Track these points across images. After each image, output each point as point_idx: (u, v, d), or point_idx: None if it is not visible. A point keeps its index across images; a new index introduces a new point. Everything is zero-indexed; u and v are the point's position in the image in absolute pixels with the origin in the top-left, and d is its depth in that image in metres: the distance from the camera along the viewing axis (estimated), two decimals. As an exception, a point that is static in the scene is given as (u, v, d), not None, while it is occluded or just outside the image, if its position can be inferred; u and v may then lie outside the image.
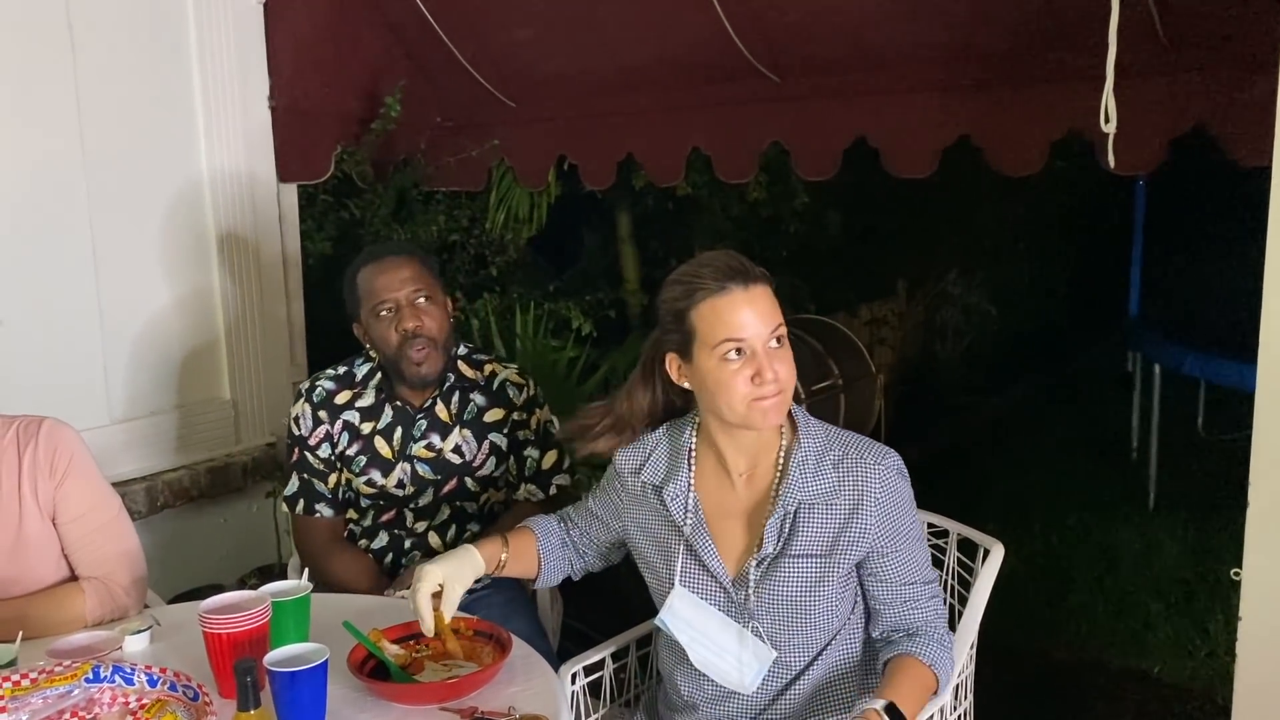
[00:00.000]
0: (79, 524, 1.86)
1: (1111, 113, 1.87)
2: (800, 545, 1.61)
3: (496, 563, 1.72)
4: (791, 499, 1.60)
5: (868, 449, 1.63)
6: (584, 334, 4.10)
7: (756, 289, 1.56)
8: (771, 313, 1.57)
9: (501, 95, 3.50)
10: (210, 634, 1.52)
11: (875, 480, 1.60)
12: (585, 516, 1.86)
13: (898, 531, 1.62)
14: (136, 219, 2.91)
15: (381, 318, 2.14)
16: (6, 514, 1.82)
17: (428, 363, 2.15)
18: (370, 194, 3.54)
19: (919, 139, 2.69)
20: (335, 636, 1.57)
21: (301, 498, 2.24)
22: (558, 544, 1.84)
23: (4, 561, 1.80)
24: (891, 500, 1.61)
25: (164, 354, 3.01)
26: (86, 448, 1.91)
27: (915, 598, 1.64)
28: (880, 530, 1.60)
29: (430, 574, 1.59)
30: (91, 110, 2.76)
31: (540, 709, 1.49)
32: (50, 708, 1.34)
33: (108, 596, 1.83)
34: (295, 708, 1.42)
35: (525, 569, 1.80)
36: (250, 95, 3.12)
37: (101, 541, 1.87)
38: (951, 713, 1.82)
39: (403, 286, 2.13)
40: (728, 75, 2.98)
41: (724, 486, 1.68)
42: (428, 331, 2.13)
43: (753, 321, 1.54)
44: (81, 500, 1.86)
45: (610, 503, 1.81)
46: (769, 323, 1.55)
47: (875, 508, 1.60)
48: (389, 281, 2.13)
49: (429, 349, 2.14)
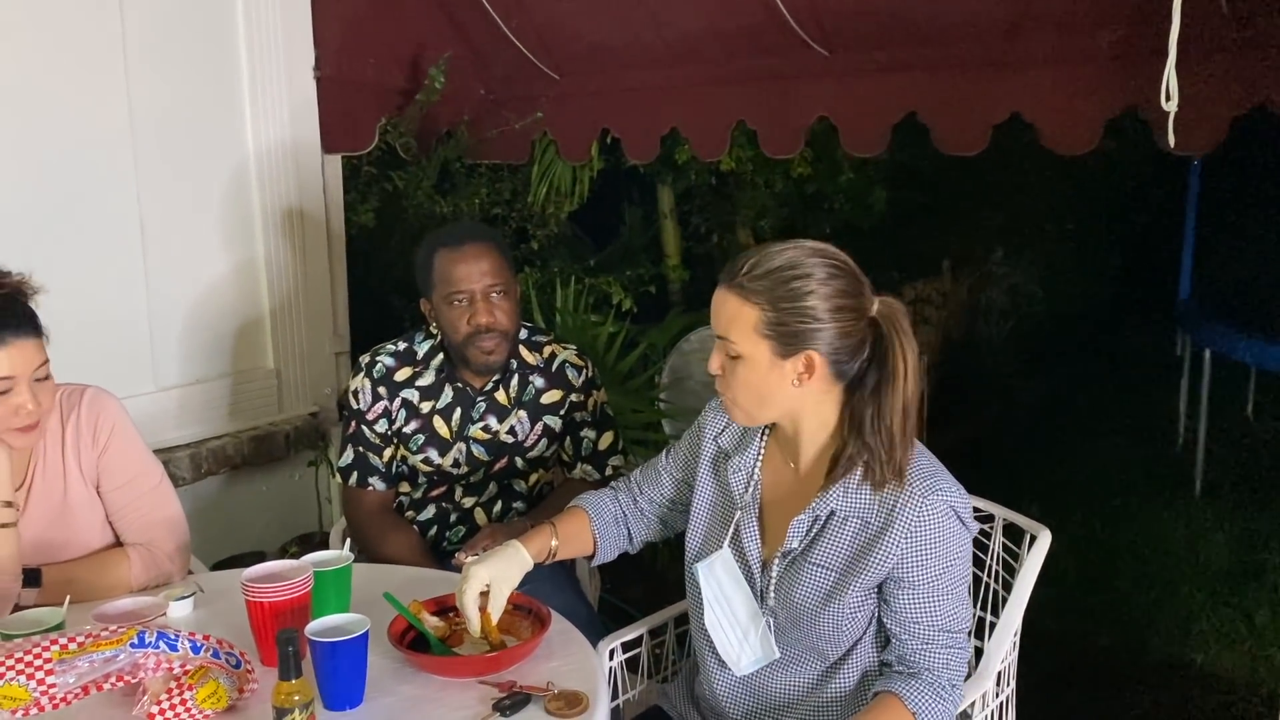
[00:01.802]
0: (122, 491, 1.89)
1: (1173, 90, 1.82)
2: (821, 554, 1.56)
3: (547, 552, 1.71)
4: (825, 505, 1.56)
5: (924, 479, 1.52)
6: (624, 309, 4.09)
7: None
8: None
9: (545, 67, 3.48)
10: (253, 602, 1.53)
11: (914, 510, 1.50)
12: (651, 478, 1.84)
13: (923, 568, 1.51)
14: (183, 189, 2.93)
15: (454, 306, 2.12)
16: (52, 481, 1.85)
17: (497, 353, 2.15)
18: (414, 166, 3.54)
19: (970, 115, 2.63)
20: (377, 607, 1.58)
21: (355, 470, 2.25)
22: (611, 520, 1.82)
23: (50, 528, 1.83)
24: (925, 536, 1.50)
25: (209, 323, 3.04)
26: (129, 416, 1.93)
27: (928, 640, 1.53)
28: (902, 560, 1.51)
29: (477, 575, 1.58)
30: (140, 82, 2.78)
31: (578, 684, 1.49)
32: (96, 671, 1.36)
33: (152, 562, 1.86)
34: (335, 678, 1.43)
35: (580, 549, 1.80)
36: (296, 66, 3.13)
37: (145, 508, 1.90)
38: (994, 699, 1.80)
39: (481, 279, 2.11)
40: (775, 48, 2.93)
41: (785, 472, 1.65)
42: (500, 326, 2.12)
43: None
44: (125, 468, 1.89)
45: (683, 456, 1.80)
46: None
47: (904, 538, 1.50)
48: (467, 272, 2.10)
49: (500, 341, 2.14)
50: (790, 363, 1.51)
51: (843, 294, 1.50)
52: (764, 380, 1.53)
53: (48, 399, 1.75)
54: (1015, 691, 1.90)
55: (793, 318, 1.48)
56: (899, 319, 1.53)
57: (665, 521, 1.86)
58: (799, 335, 1.49)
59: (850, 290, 1.51)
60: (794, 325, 1.48)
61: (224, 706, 1.41)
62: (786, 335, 1.49)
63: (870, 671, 1.61)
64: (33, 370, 1.70)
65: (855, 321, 1.51)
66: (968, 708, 1.71)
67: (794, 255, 1.50)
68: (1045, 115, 2.51)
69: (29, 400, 1.69)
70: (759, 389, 1.54)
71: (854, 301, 1.51)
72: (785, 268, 1.49)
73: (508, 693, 1.46)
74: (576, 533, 1.78)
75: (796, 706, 1.64)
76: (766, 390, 1.54)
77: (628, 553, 1.86)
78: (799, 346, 1.50)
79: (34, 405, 1.70)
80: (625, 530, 1.84)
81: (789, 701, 1.65)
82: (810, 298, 1.48)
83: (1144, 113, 2.22)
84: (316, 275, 3.27)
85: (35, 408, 1.70)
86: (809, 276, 1.48)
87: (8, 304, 1.69)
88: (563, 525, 1.76)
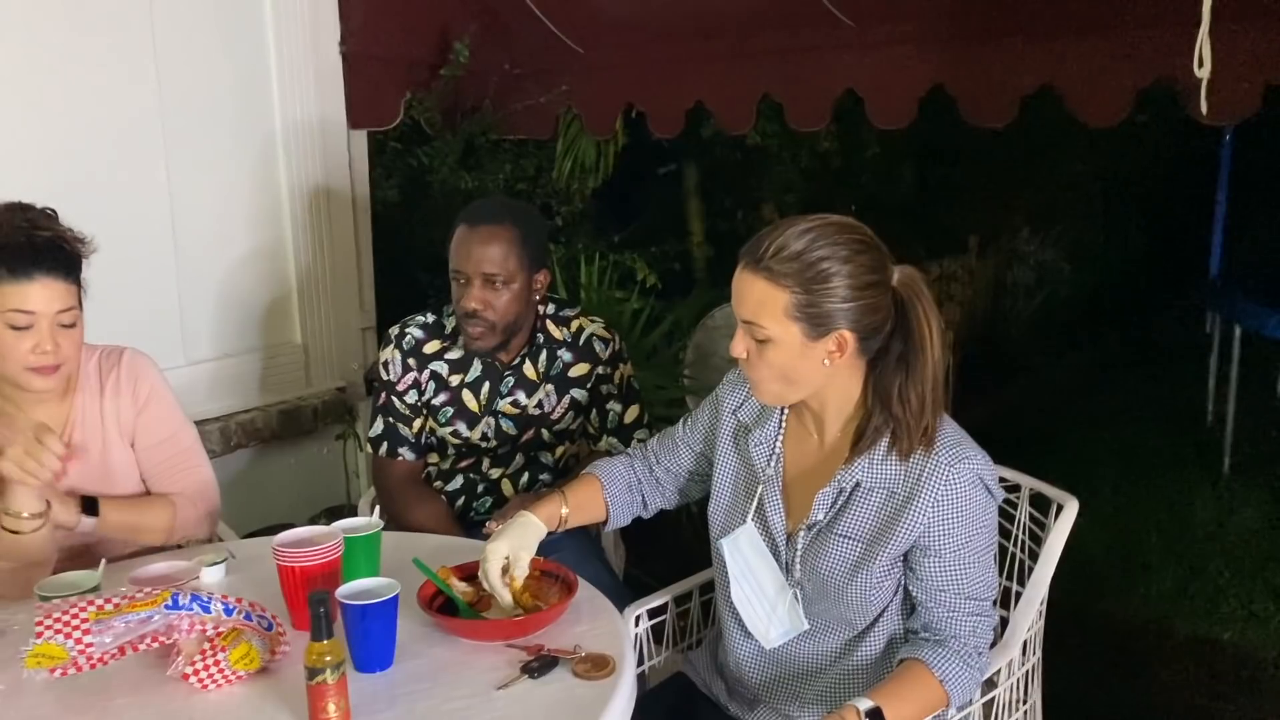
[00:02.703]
0: (158, 449, 1.93)
1: (1206, 57, 1.79)
2: (847, 525, 1.57)
3: (557, 520, 1.72)
4: (850, 476, 1.56)
5: (951, 447, 1.52)
6: (649, 286, 4.08)
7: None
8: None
9: (570, 41, 3.47)
10: (284, 567, 1.55)
11: (941, 478, 1.50)
12: (668, 449, 1.85)
13: (950, 535, 1.51)
14: (211, 167, 2.95)
15: (455, 283, 2.13)
16: (93, 439, 1.89)
17: (482, 341, 2.14)
18: (439, 141, 3.55)
19: (998, 86, 2.62)
20: (406, 573, 1.59)
21: (385, 440, 2.26)
22: (623, 487, 1.83)
23: (89, 483, 1.86)
24: (952, 504, 1.51)
25: (238, 299, 3.07)
26: (165, 378, 1.98)
27: (954, 608, 1.54)
28: (929, 528, 1.51)
29: (496, 551, 1.60)
30: (168, 61, 2.80)
31: (605, 649, 1.50)
32: (132, 632, 1.38)
33: (190, 516, 1.91)
34: (366, 640, 1.44)
35: (592, 516, 1.81)
36: (322, 42, 3.14)
37: (179, 468, 1.95)
38: (1019, 668, 1.80)
39: (479, 265, 2.08)
40: (801, 20, 2.92)
41: (808, 443, 1.65)
42: (485, 316, 2.11)
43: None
44: (161, 427, 1.94)
45: (701, 429, 1.80)
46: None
47: (931, 506, 1.50)
48: (469, 254, 2.09)
49: (485, 330, 2.13)
50: (821, 343, 1.50)
51: (869, 269, 1.49)
52: (795, 362, 1.52)
53: (70, 347, 1.77)
54: (1041, 661, 1.90)
55: (823, 298, 1.47)
56: (919, 286, 1.53)
57: (682, 491, 1.87)
58: (830, 315, 1.48)
59: (875, 265, 1.50)
60: (825, 306, 1.47)
61: (256, 668, 1.43)
62: (817, 316, 1.48)
63: (896, 639, 1.61)
64: (56, 311, 1.73)
65: (882, 295, 1.50)
66: (993, 675, 1.72)
67: (817, 233, 1.48)
68: (1075, 86, 2.49)
69: (47, 340, 1.72)
70: (789, 371, 1.53)
71: (879, 276, 1.50)
72: (810, 249, 1.47)
73: (535, 655, 1.47)
74: (588, 499, 1.79)
75: (822, 674, 1.65)
76: (797, 372, 1.53)
77: (641, 517, 1.87)
78: (830, 327, 1.49)
79: (52, 346, 1.72)
80: (639, 497, 1.85)
81: (815, 670, 1.65)
82: (838, 277, 1.47)
83: (1176, 82, 2.19)
84: (343, 251, 3.29)
85: (53, 349, 1.73)
86: (835, 256, 1.47)
87: (46, 245, 1.73)
88: (573, 493, 1.77)
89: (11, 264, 1.69)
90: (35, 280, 1.70)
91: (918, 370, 1.51)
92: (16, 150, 2.53)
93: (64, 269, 1.74)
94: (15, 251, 1.70)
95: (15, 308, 1.69)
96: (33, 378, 1.75)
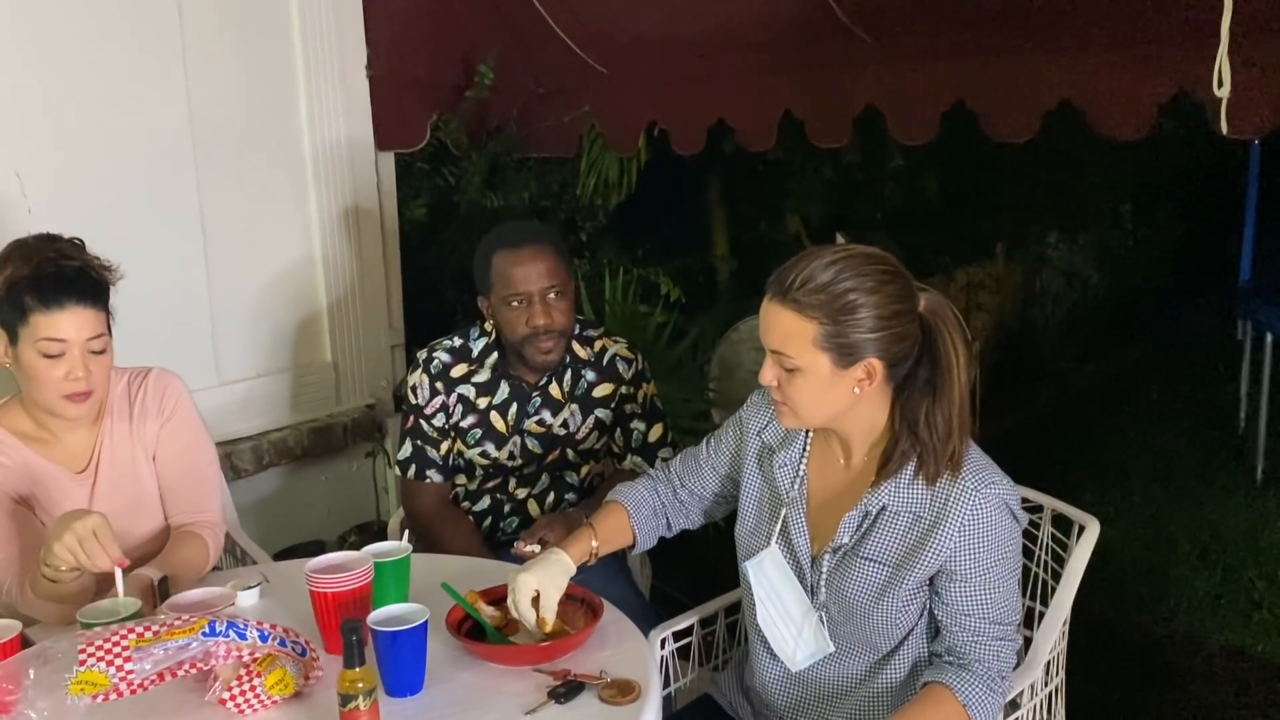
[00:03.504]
0: (177, 463, 1.97)
1: (1226, 76, 1.79)
2: (873, 548, 1.58)
3: (589, 554, 1.74)
4: (876, 500, 1.57)
5: (976, 472, 1.54)
6: (672, 300, 4.10)
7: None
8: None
9: (593, 61, 3.50)
10: (316, 592, 1.59)
11: (967, 504, 1.52)
12: (692, 470, 1.85)
13: (976, 561, 1.53)
14: (242, 189, 3.01)
15: (513, 307, 2.16)
16: (122, 462, 1.94)
17: (555, 352, 2.19)
18: (464, 161, 3.59)
19: (1020, 102, 2.60)
20: (434, 596, 1.63)
21: (413, 463, 2.30)
22: (649, 514, 1.85)
23: (117, 504, 1.90)
24: (978, 529, 1.52)
25: (269, 319, 3.12)
26: (192, 397, 2.02)
27: (979, 632, 1.55)
28: (955, 553, 1.53)
29: (525, 583, 1.62)
30: (199, 86, 2.86)
31: (631, 673, 1.52)
32: (170, 659, 1.42)
33: (217, 541, 1.96)
34: (397, 665, 1.48)
35: (620, 544, 1.83)
36: (349, 64, 3.20)
37: (199, 484, 1.99)
38: (1042, 688, 1.81)
39: (538, 281, 2.14)
40: (821, 36, 2.92)
41: (833, 466, 1.67)
42: (557, 326, 2.16)
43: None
44: (182, 440, 1.98)
45: (726, 452, 1.81)
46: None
47: (957, 531, 1.52)
48: (525, 274, 2.14)
49: (557, 340, 2.18)
50: (850, 372, 1.52)
51: (895, 299, 1.50)
52: (824, 391, 1.53)
53: (101, 374, 1.82)
54: (1065, 681, 1.90)
55: (850, 329, 1.48)
56: (945, 312, 1.54)
57: (706, 513, 1.89)
58: (858, 345, 1.49)
59: (902, 294, 1.51)
60: (852, 336, 1.49)
61: (291, 693, 1.47)
62: (845, 347, 1.49)
63: (920, 662, 1.63)
64: (86, 339, 1.78)
65: (909, 324, 1.52)
66: (1016, 696, 1.72)
67: (844, 265, 1.49)
68: (1096, 101, 2.48)
69: (79, 367, 1.77)
70: (818, 399, 1.55)
71: (906, 305, 1.52)
72: (837, 280, 1.48)
73: (562, 680, 1.50)
74: (616, 530, 1.81)
75: (847, 697, 1.67)
76: (826, 400, 1.55)
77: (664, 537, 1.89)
78: (858, 356, 1.50)
79: (84, 373, 1.78)
80: (664, 520, 1.86)
81: (840, 692, 1.67)
82: (865, 309, 1.48)
83: (1197, 97, 2.18)
84: (371, 270, 3.34)
85: (85, 375, 1.78)
86: (862, 287, 1.48)
87: (76, 274, 1.78)
88: (601, 525, 1.79)
89: (42, 294, 1.75)
90: (66, 309, 1.75)
91: (945, 395, 1.53)
92: (52, 174, 2.59)
93: (92, 297, 1.80)
94: (45, 281, 1.75)
95: (47, 336, 1.75)
96: (67, 405, 1.80)
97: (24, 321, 1.75)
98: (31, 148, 2.56)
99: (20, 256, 1.78)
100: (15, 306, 1.75)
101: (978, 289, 5.46)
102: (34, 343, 1.75)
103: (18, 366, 1.80)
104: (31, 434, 1.88)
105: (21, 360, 1.78)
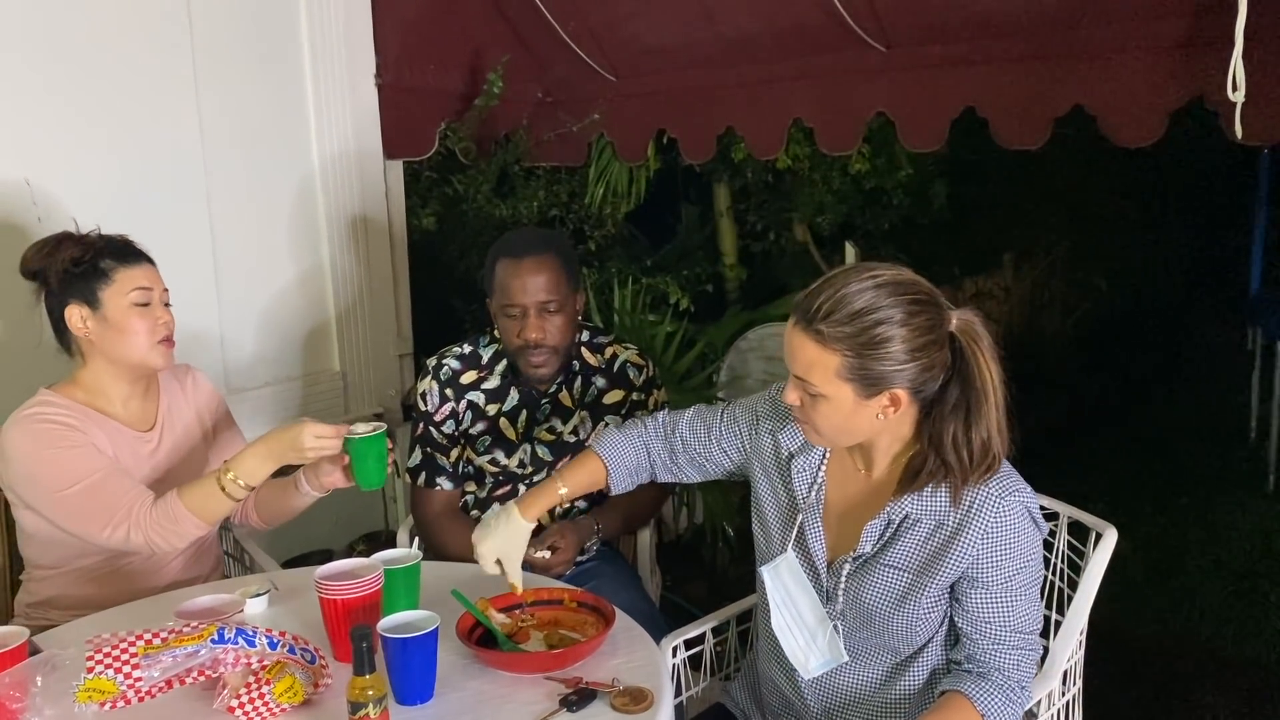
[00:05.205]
0: (226, 420, 2.23)
1: (1240, 81, 1.78)
2: (895, 555, 1.56)
3: (558, 501, 1.79)
4: (899, 509, 1.55)
5: (1000, 480, 1.52)
6: (681, 309, 4.10)
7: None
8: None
9: (602, 69, 3.51)
10: (326, 599, 1.58)
11: (991, 511, 1.50)
12: (700, 437, 1.80)
13: (998, 568, 1.51)
14: (251, 199, 3.00)
15: (508, 317, 2.16)
16: (182, 425, 2.11)
17: (545, 367, 2.18)
18: (473, 170, 3.59)
19: (1030, 109, 2.60)
20: (444, 604, 1.61)
21: (423, 470, 2.29)
22: (627, 472, 1.82)
23: (184, 466, 2.07)
24: (1002, 536, 1.50)
25: (277, 328, 3.12)
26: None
27: (1000, 640, 1.53)
28: (977, 560, 1.51)
29: (483, 556, 1.70)
30: (209, 96, 2.85)
31: (643, 681, 1.51)
32: (179, 665, 1.41)
33: None
34: (407, 673, 1.46)
35: (591, 485, 1.82)
36: (358, 74, 3.20)
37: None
38: (1059, 698, 1.79)
39: (534, 294, 2.12)
40: (831, 44, 2.92)
41: (852, 473, 1.65)
42: (548, 343, 2.15)
43: None
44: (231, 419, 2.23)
45: (736, 437, 1.77)
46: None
47: (980, 538, 1.50)
48: (522, 286, 2.12)
49: (548, 356, 2.17)
50: (875, 400, 1.49)
51: (924, 330, 1.46)
52: (847, 419, 1.51)
53: (173, 322, 2.01)
54: (1082, 690, 1.88)
55: (876, 363, 1.45)
56: (976, 330, 1.50)
57: (704, 475, 1.85)
58: (884, 377, 1.46)
59: (932, 324, 1.47)
60: (877, 370, 1.45)
61: (300, 700, 1.45)
62: (870, 378, 1.46)
63: (939, 671, 1.61)
64: (162, 289, 1.98)
65: (938, 352, 1.48)
66: (1033, 706, 1.70)
67: (873, 296, 1.44)
68: (1107, 108, 2.47)
69: (165, 313, 1.97)
70: (842, 425, 1.53)
71: (935, 335, 1.47)
72: (865, 312, 1.44)
73: (574, 688, 1.48)
74: (588, 477, 1.82)
75: (864, 704, 1.65)
76: (849, 426, 1.53)
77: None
78: (883, 387, 1.47)
79: (169, 318, 1.98)
80: (648, 476, 1.85)
81: (856, 699, 1.65)
82: (892, 343, 1.44)
83: (1210, 103, 2.18)
84: (380, 279, 3.33)
85: (170, 320, 1.98)
86: (890, 320, 1.44)
87: (129, 241, 1.99)
88: (571, 476, 1.80)
89: (120, 255, 1.94)
90: (142, 264, 1.96)
91: (979, 418, 1.49)
92: (62, 183, 2.59)
93: (150, 259, 1.99)
94: (117, 245, 1.95)
95: (140, 285, 1.93)
96: (162, 350, 1.97)
97: (108, 281, 1.91)
98: (42, 156, 2.56)
99: (68, 240, 1.93)
100: (94, 273, 1.90)
101: (986, 299, 5.46)
102: (126, 295, 1.91)
103: (104, 330, 1.92)
104: (94, 404, 1.97)
105: (110, 319, 1.91)
